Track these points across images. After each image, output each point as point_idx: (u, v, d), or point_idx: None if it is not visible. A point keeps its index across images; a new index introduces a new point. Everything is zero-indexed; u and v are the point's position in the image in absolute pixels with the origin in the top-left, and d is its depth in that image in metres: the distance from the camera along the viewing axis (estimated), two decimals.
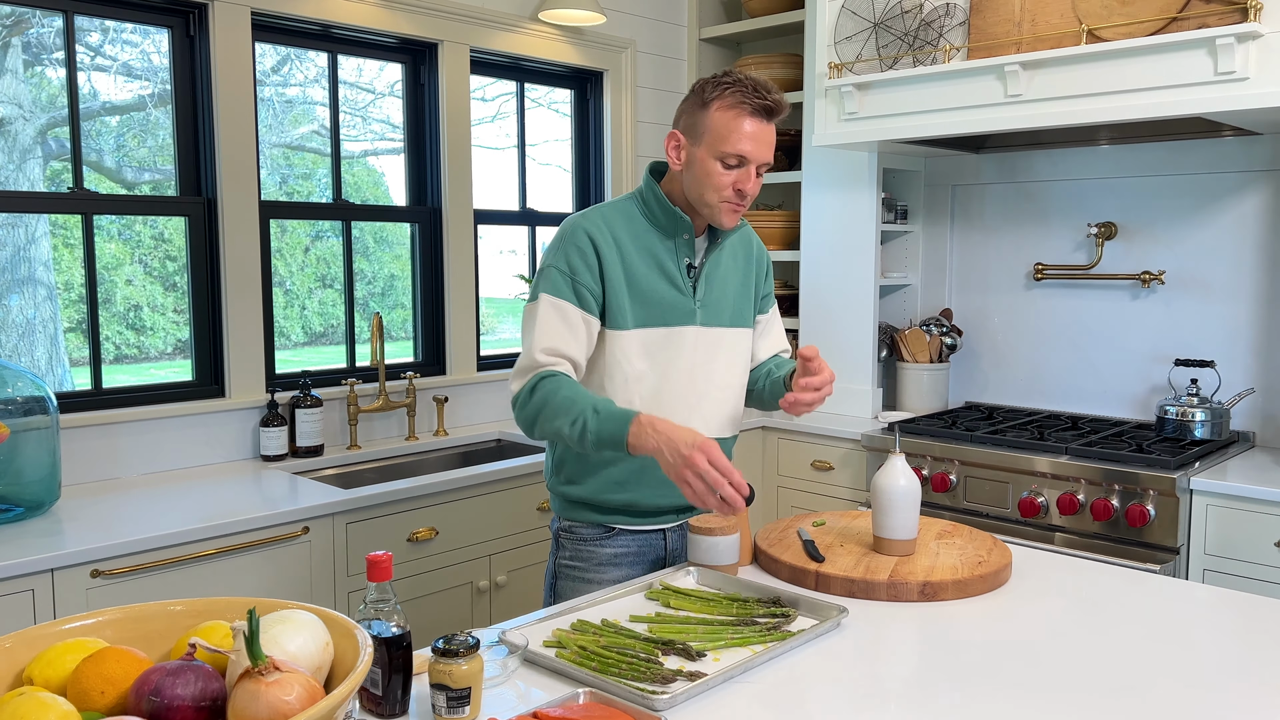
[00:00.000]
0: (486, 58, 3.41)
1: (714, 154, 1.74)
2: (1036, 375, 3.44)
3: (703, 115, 1.75)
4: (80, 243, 2.63)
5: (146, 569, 2.11)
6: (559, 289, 1.78)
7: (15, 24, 2.51)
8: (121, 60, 2.67)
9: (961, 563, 1.75)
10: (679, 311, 1.84)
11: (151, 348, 2.78)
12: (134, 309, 2.74)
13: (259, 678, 0.86)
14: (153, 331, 2.78)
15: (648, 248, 1.82)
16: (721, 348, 1.90)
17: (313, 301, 3.10)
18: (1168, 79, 2.50)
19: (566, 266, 1.78)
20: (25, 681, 0.93)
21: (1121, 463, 2.68)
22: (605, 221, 1.82)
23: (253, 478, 2.62)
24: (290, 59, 3.03)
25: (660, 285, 1.82)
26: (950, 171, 3.59)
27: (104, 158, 2.69)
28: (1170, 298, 3.13)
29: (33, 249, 2.62)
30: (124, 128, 2.71)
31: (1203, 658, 1.44)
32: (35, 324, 2.63)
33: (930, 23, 2.91)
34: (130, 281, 2.72)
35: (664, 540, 1.93)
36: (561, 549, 1.94)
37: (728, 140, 1.72)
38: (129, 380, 2.72)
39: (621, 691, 1.28)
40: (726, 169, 1.74)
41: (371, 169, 3.29)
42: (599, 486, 1.86)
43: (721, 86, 1.73)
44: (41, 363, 2.64)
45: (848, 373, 3.54)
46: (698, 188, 1.77)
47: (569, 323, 1.77)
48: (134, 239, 2.73)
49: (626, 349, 1.81)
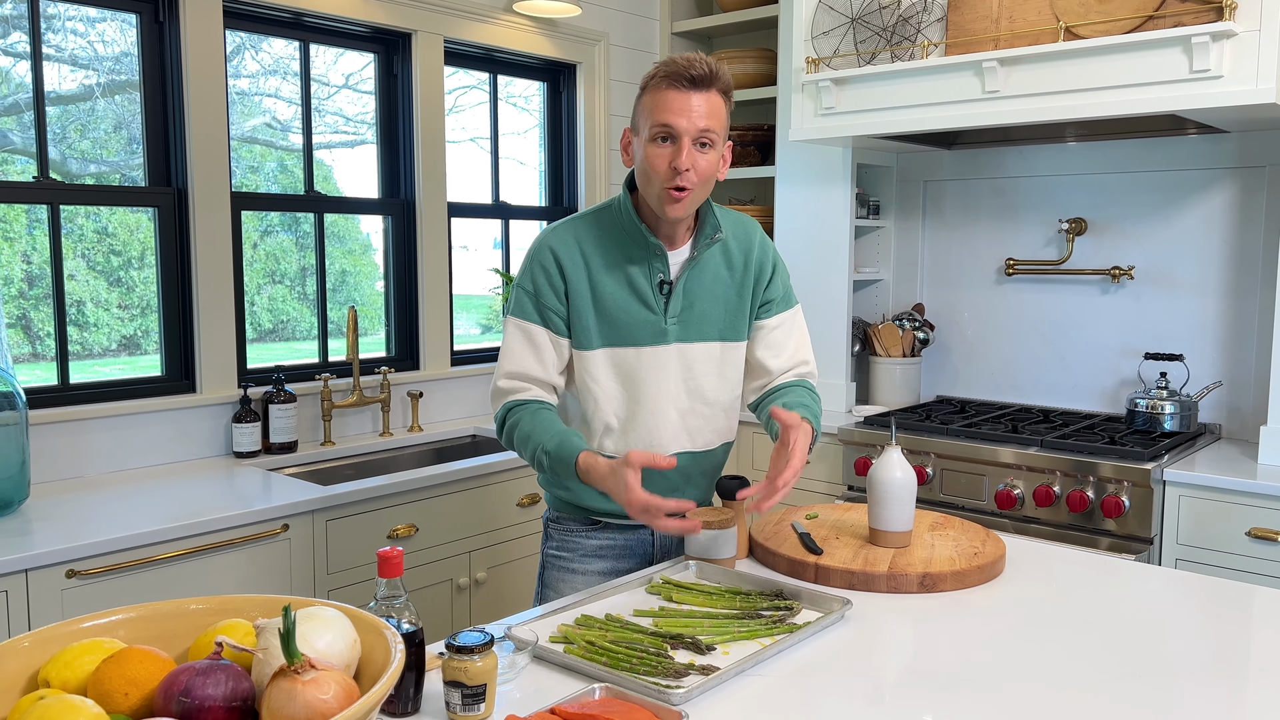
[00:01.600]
0: (460, 49, 3.37)
1: (646, 138, 1.65)
2: (1008, 369, 3.48)
3: (638, 105, 1.69)
4: (21, 235, 2.54)
5: (123, 569, 2.05)
6: (524, 310, 1.77)
7: None
8: (67, 50, 2.58)
9: (958, 554, 1.76)
10: (648, 330, 1.76)
11: (95, 344, 2.69)
12: (76, 304, 2.65)
13: (295, 676, 0.84)
14: (97, 328, 2.70)
15: (618, 264, 1.75)
16: (709, 363, 1.82)
17: (261, 297, 3.03)
18: (1143, 76, 2.54)
19: (532, 287, 1.76)
20: (41, 683, 0.90)
21: (1096, 455, 2.72)
22: (575, 236, 1.76)
23: (226, 475, 2.57)
24: (244, 49, 2.95)
25: (629, 304, 1.75)
26: (922, 167, 3.62)
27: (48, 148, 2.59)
28: (1139, 292, 3.19)
29: None
30: (67, 119, 2.62)
31: (1207, 646, 1.47)
32: None
33: (908, 18, 2.92)
34: (73, 277, 2.63)
35: (652, 537, 1.91)
36: (549, 538, 1.94)
37: (652, 116, 1.63)
38: (78, 378, 2.63)
39: (636, 686, 1.26)
40: (659, 147, 1.63)
41: (319, 160, 3.20)
42: (586, 493, 1.81)
43: (650, 74, 1.67)
44: None
45: (822, 368, 3.56)
46: (643, 180, 1.69)
47: (534, 344, 1.76)
48: (75, 233, 2.63)
49: (593, 370, 1.77)
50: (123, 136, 2.70)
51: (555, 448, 1.67)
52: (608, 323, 1.76)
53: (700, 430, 1.85)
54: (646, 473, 1.74)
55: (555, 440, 1.67)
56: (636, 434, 1.80)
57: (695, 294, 1.79)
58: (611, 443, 1.81)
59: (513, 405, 1.76)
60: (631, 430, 1.80)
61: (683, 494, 1.88)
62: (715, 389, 1.85)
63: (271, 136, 3.04)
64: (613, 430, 1.80)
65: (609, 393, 1.78)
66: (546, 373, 1.77)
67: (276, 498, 2.33)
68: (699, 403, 1.83)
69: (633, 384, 1.78)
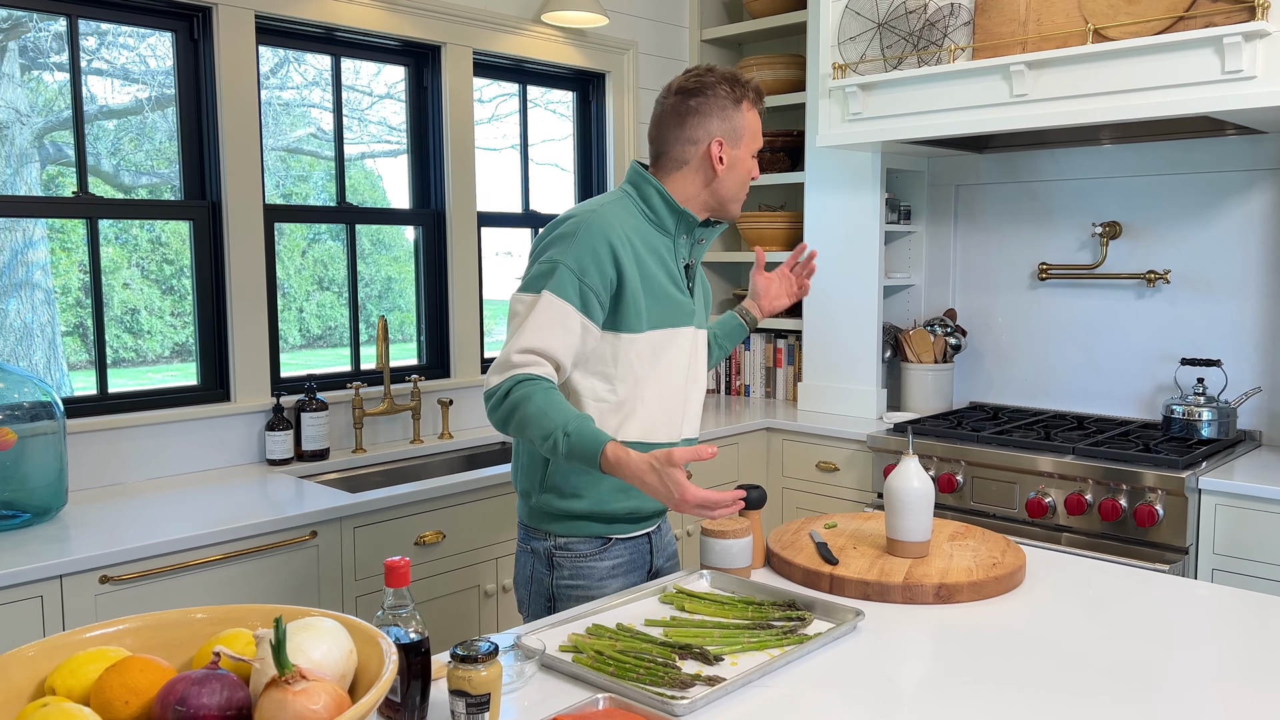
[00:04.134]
0: (489, 60, 3.40)
1: (751, 151, 1.85)
2: (1041, 375, 3.44)
3: (738, 117, 1.83)
4: (77, 246, 2.62)
5: (156, 574, 2.10)
6: (564, 289, 1.70)
7: (12, 28, 2.50)
8: (119, 64, 2.66)
9: (976, 564, 1.74)
10: (683, 312, 1.85)
11: (149, 351, 2.77)
12: (131, 313, 2.73)
13: (286, 686, 0.86)
14: (150, 335, 2.77)
15: (654, 248, 1.82)
16: (699, 346, 1.93)
17: (310, 304, 3.09)
18: (1174, 78, 2.49)
19: (577, 266, 1.70)
20: (48, 691, 0.93)
21: (1129, 462, 2.68)
22: (619, 222, 1.77)
23: (259, 482, 2.61)
24: (288, 61, 3.02)
25: (667, 285, 1.82)
26: (954, 171, 3.59)
27: (100, 161, 2.68)
28: (1176, 297, 3.13)
29: (30, 253, 2.61)
30: (121, 131, 2.70)
31: (1223, 659, 1.44)
32: (33, 328, 2.62)
33: (935, 23, 2.90)
34: (128, 285, 2.71)
35: (649, 543, 1.93)
36: (558, 569, 1.85)
37: (758, 137, 1.86)
38: (128, 384, 2.71)
39: (640, 696, 1.27)
40: (753, 161, 1.87)
41: (369, 171, 3.28)
42: (603, 496, 1.81)
43: (742, 87, 1.83)
44: (40, 366, 2.63)
45: (851, 373, 3.54)
46: (737, 187, 1.85)
47: (565, 325, 1.70)
48: (131, 242, 2.72)
49: (640, 352, 1.78)
50: (174, 149, 2.78)
51: (577, 430, 1.59)
52: (655, 304, 1.80)
53: (693, 415, 1.93)
54: None
55: (577, 423, 1.60)
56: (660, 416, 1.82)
57: (699, 279, 1.95)
58: (617, 421, 1.79)
59: (523, 378, 1.66)
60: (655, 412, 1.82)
61: None
62: (701, 374, 1.95)
63: (318, 147, 3.11)
64: (636, 413, 1.79)
65: (648, 376, 1.80)
66: (567, 355, 1.72)
67: (306, 505, 2.37)
68: (696, 386, 1.92)
69: (663, 366, 1.82)
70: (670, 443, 1.85)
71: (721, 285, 4.19)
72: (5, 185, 2.51)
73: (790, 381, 3.88)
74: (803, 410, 3.64)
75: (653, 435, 1.82)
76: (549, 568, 1.86)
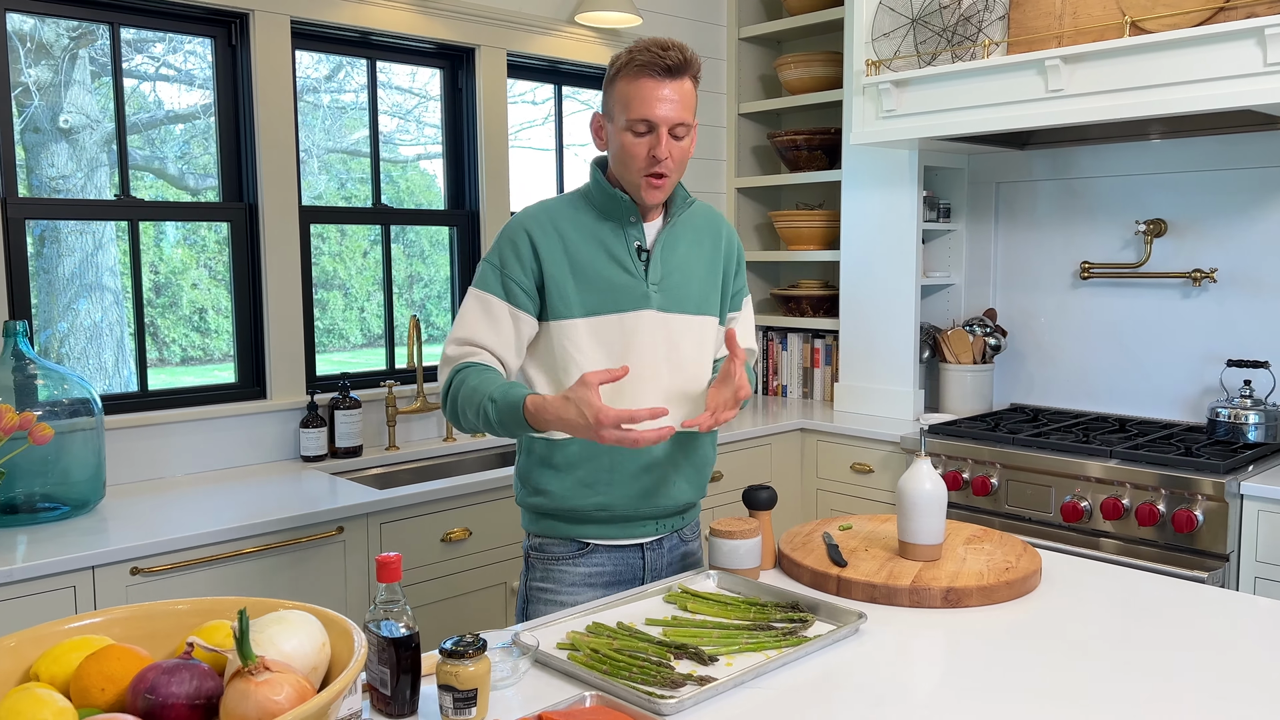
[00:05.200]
0: (523, 61, 3.43)
1: (624, 126, 1.69)
2: (1084, 376, 3.36)
3: (611, 91, 1.72)
4: (147, 248, 2.72)
5: (184, 567, 2.16)
6: (486, 283, 1.76)
7: (81, 36, 2.59)
8: (184, 69, 2.75)
9: (988, 568, 1.71)
10: (631, 295, 1.76)
11: (216, 350, 2.86)
12: (199, 312, 2.82)
13: (249, 677, 0.88)
14: (217, 334, 2.86)
15: (593, 234, 1.77)
16: (687, 334, 1.81)
17: (371, 304, 3.16)
18: (1215, 71, 2.42)
19: (498, 260, 1.76)
20: (32, 678, 0.96)
21: (1168, 466, 2.60)
22: (546, 213, 1.78)
23: (292, 478, 2.67)
24: (344, 66, 3.09)
25: (609, 269, 1.75)
26: (994, 169, 3.53)
27: (167, 165, 2.76)
28: (1222, 296, 3.04)
29: (100, 255, 2.70)
30: (188, 135, 2.79)
31: (1237, 671, 1.39)
32: (102, 327, 2.71)
33: (969, 18, 2.85)
34: (196, 285, 2.80)
35: (642, 557, 1.85)
36: (532, 570, 1.85)
37: (631, 107, 1.67)
38: (195, 380, 2.80)
39: (628, 695, 1.27)
40: (637, 137, 1.68)
41: (425, 173, 3.33)
42: (567, 491, 1.78)
43: (623, 58, 1.69)
44: (109, 365, 2.72)
45: (888, 374, 3.50)
46: (620, 167, 1.74)
47: (492, 315, 1.74)
48: (199, 243, 2.81)
49: (576, 339, 1.74)
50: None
51: (501, 394, 1.62)
52: (588, 290, 1.74)
53: (681, 403, 1.81)
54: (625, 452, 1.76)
55: (501, 389, 1.63)
56: (623, 403, 1.73)
57: (672, 264, 1.81)
58: None
59: (461, 367, 1.72)
60: (619, 399, 1.74)
61: (672, 484, 1.83)
62: (694, 362, 1.82)
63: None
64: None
65: (593, 361, 1.74)
66: (500, 343, 1.74)
67: (334, 500, 2.41)
68: (683, 376, 1.81)
69: (617, 353, 1.75)
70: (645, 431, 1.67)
71: (758, 284, 4.17)
72: (77, 189, 2.61)
73: (827, 382, 3.84)
74: (839, 411, 3.61)
75: None
76: (527, 568, 1.87)
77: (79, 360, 2.69)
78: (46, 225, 2.60)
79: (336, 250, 3.10)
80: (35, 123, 2.56)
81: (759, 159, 4.14)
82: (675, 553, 1.90)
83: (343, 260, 3.11)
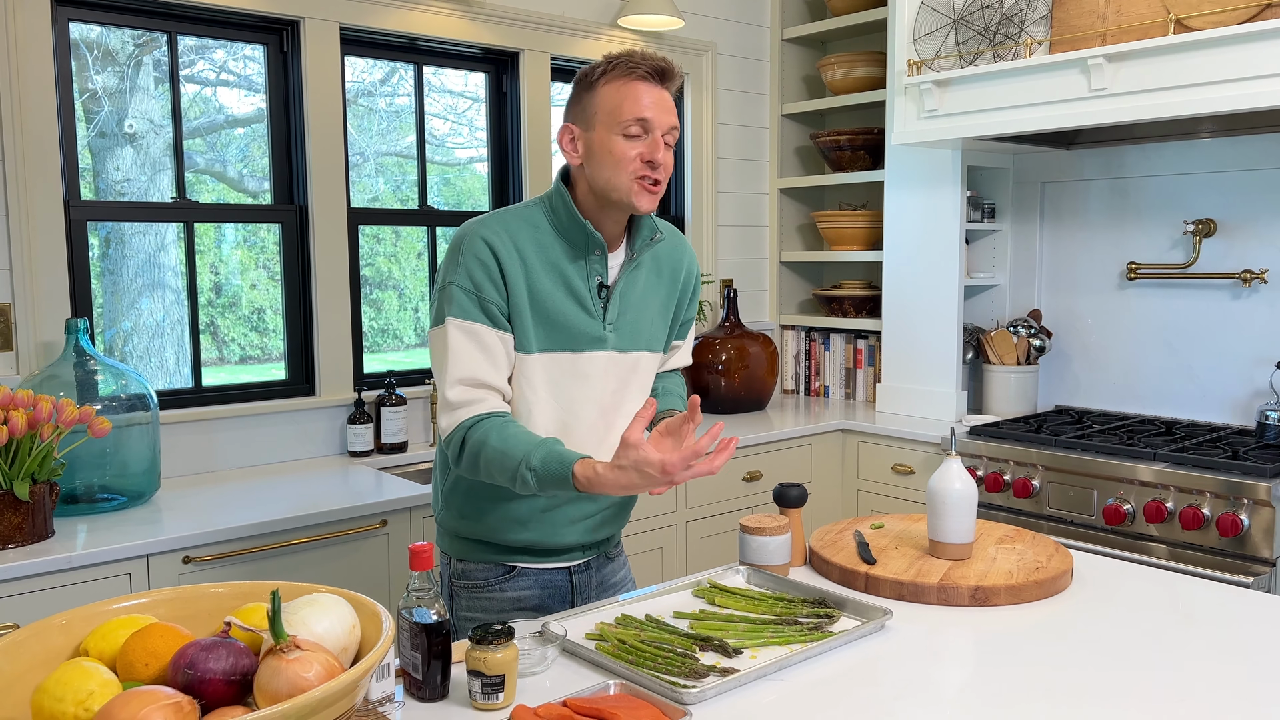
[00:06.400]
0: (567, 65, 3.48)
1: (612, 130, 1.60)
2: (1130, 378, 3.32)
3: (591, 98, 1.63)
4: (208, 249, 2.82)
5: (234, 556, 2.23)
6: (465, 309, 1.60)
7: (145, 44, 2.69)
8: (243, 74, 2.84)
9: (1018, 568, 1.71)
10: (586, 336, 1.67)
11: (274, 349, 2.95)
12: (257, 312, 2.92)
13: (281, 655, 0.93)
14: (275, 333, 2.95)
15: (554, 263, 1.65)
16: (636, 374, 1.74)
17: (425, 304, 3.24)
18: (1262, 68, 2.38)
19: (470, 283, 1.61)
20: (81, 653, 1.02)
21: (1213, 470, 2.57)
22: (507, 230, 1.64)
23: (340, 473, 2.74)
24: (398, 70, 3.17)
25: (566, 306, 1.65)
26: (1039, 168, 3.50)
27: (227, 168, 2.86)
28: (1274, 297, 2.98)
29: (162, 255, 2.81)
30: (248, 139, 2.89)
31: (1270, 674, 1.39)
32: (164, 326, 2.81)
33: (1011, 17, 2.84)
34: (255, 286, 2.90)
35: (569, 579, 1.78)
36: (457, 600, 1.75)
37: (622, 109, 1.59)
38: (251, 378, 2.90)
39: (652, 684, 1.30)
40: (630, 140, 1.60)
41: (479, 175, 3.40)
42: (497, 525, 1.70)
43: (604, 65, 1.63)
44: (170, 362, 2.82)
45: (930, 375, 3.49)
46: (603, 173, 1.61)
47: (483, 346, 1.61)
48: (258, 244, 2.91)
49: (530, 376, 1.65)
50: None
51: (542, 462, 1.52)
52: (546, 326, 1.65)
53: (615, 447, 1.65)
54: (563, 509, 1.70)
55: (540, 452, 1.53)
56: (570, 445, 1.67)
57: (629, 301, 1.72)
58: None
59: (473, 422, 1.59)
60: (567, 442, 1.66)
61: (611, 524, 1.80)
62: (634, 402, 1.75)
63: (431, 153, 3.25)
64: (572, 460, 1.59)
65: (543, 402, 1.66)
66: (499, 376, 1.62)
67: (379, 495, 2.48)
68: (623, 416, 1.72)
69: (565, 394, 1.67)
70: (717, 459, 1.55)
71: (801, 285, 4.18)
72: (141, 192, 2.72)
73: (870, 383, 3.84)
74: (881, 412, 3.60)
75: None
76: (450, 597, 1.78)
77: (141, 358, 2.79)
78: (112, 227, 2.70)
79: (391, 251, 3.18)
80: (102, 127, 2.66)
81: (802, 159, 4.15)
82: (602, 572, 1.85)
83: (397, 261, 3.19)
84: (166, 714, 0.84)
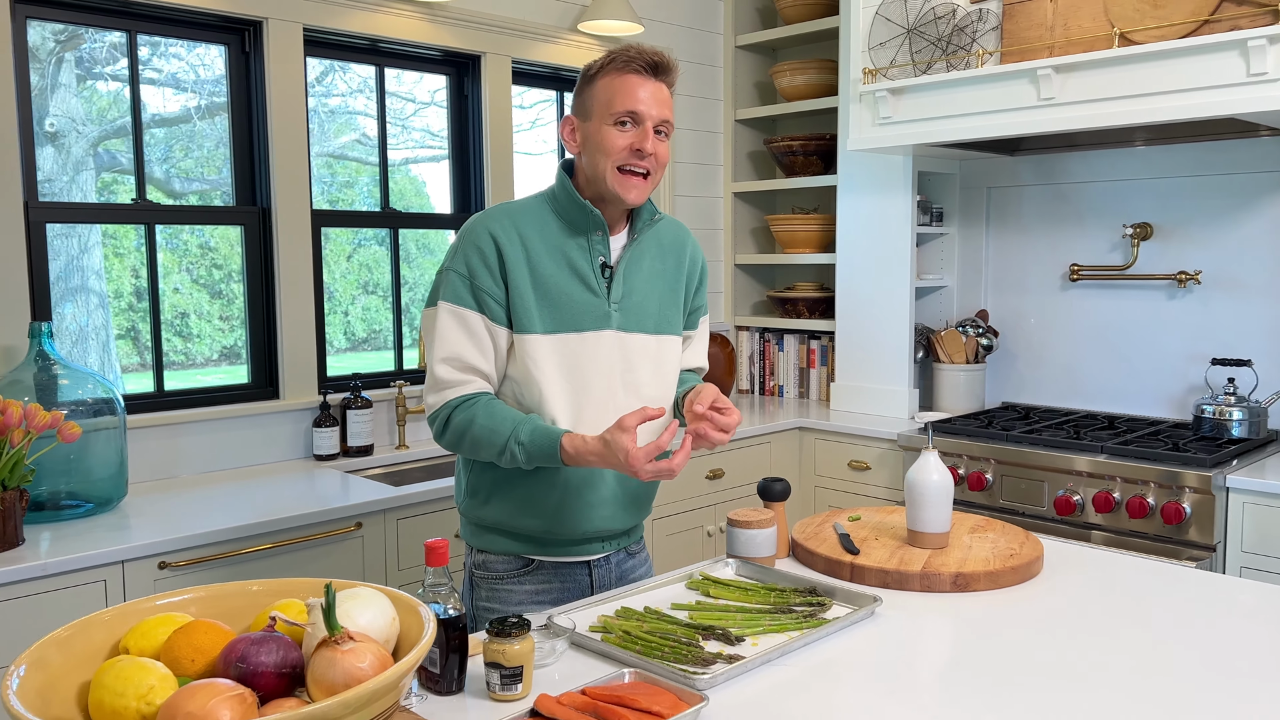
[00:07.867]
0: (527, 68, 3.50)
1: (605, 120, 1.66)
2: (1073, 375, 3.46)
3: (590, 90, 1.69)
4: (129, 252, 2.76)
5: (210, 561, 2.21)
6: (457, 294, 1.66)
7: (68, 39, 2.63)
8: (168, 73, 2.79)
9: (994, 555, 1.80)
10: (592, 314, 1.70)
11: (198, 354, 2.90)
12: (181, 316, 2.86)
13: (335, 646, 0.95)
14: (199, 338, 2.90)
15: (557, 246, 1.70)
16: (646, 356, 1.76)
17: (355, 308, 3.21)
18: (1200, 81, 2.52)
19: (465, 269, 1.67)
20: (121, 651, 1.02)
21: (1157, 461, 2.70)
22: (510, 218, 1.70)
23: (306, 476, 2.73)
24: (333, 69, 3.15)
25: (571, 286, 1.69)
26: (986, 174, 3.63)
27: (153, 168, 2.81)
28: (1207, 297, 3.15)
29: (85, 258, 2.74)
30: (171, 139, 2.83)
31: (1229, 646, 1.48)
32: (88, 331, 2.75)
33: (963, 28, 2.95)
34: (178, 290, 2.84)
35: (589, 574, 1.80)
36: (477, 590, 1.80)
37: (615, 100, 1.65)
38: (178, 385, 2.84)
39: (664, 672, 1.35)
40: (621, 129, 1.66)
41: (413, 177, 3.39)
42: (514, 509, 1.74)
43: (603, 60, 1.69)
44: (94, 369, 2.76)
45: (883, 374, 3.59)
46: (596, 161, 1.67)
47: (470, 331, 1.66)
48: (181, 248, 2.85)
49: (538, 357, 1.67)
50: (222, 156, 2.90)
51: (529, 436, 1.60)
52: (549, 306, 1.68)
53: (641, 430, 1.73)
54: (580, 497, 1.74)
55: (527, 428, 1.60)
56: (582, 429, 1.68)
57: (634, 282, 1.75)
58: None
59: (459, 402, 1.66)
60: (577, 426, 1.69)
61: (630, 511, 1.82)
62: (651, 384, 1.77)
63: (363, 153, 3.23)
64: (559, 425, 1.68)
65: (553, 382, 1.68)
66: (486, 361, 1.67)
67: (351, 497, 2.47)
68: (640, 398, 1.74)
69: (577, 374, 1.69)
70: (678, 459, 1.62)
71: (755, 287, 4.26)
72: (62, 192, 2.65)
73: (823, 382, 3.93)
74: (835, 410, 3.69)
75: None
76: (471, 586, 1.81)
77: None
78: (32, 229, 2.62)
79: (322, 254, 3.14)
80: None
81: (755, 164, 4.23)
82: (623, 567, 1.87)
83: (326, 264, 3.15)
84: (232, 705, 0.86)
